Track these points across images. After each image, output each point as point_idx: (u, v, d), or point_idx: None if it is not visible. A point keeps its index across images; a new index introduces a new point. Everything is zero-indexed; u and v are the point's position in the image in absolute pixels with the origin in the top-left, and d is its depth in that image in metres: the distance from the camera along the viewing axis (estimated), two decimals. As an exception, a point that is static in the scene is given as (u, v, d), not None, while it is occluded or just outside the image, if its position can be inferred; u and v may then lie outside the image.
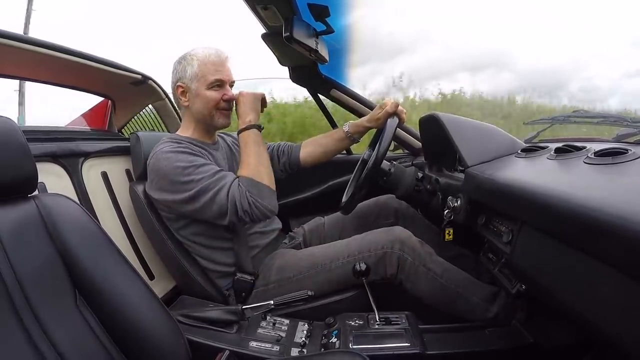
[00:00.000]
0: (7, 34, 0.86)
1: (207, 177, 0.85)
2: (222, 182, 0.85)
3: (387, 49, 5.38)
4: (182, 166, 0.85)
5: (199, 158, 0.88)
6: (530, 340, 0.77)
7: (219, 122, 0.97)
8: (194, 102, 0.95)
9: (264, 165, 0.91)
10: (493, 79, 5.98)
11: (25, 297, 0.51)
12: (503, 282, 0.81)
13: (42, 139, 0.96)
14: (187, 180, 0.84)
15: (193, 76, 0.93)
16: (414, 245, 0.88)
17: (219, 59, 0.94)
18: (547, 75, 5.29)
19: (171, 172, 0.85)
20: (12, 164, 0.55)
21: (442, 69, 6.99)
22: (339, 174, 1.54)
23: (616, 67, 5.04)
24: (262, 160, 0.92)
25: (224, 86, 0.94)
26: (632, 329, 0.40)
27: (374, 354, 0.70)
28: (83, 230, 0.59)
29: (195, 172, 0.85)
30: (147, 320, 0.58)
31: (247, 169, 0.89)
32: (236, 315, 0.80)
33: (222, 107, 0.95)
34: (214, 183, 0.85)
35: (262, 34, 1.14)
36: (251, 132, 0.93)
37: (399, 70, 7.14)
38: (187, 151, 0.88)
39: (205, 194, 0.84)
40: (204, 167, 0.86)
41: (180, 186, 0.85)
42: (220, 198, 0.84)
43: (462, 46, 7.02)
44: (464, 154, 0.83)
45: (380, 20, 1.38)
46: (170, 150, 0.88)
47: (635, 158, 0.51)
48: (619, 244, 0.38)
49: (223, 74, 0.94)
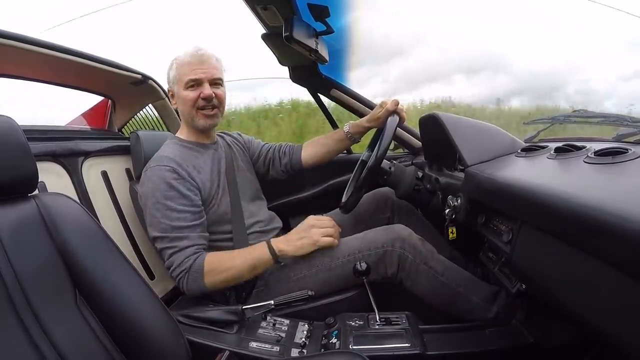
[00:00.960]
0: (8, 34, 0.86)
1: (169, 228, 0.85)
2: (177, 243, 0.85)
3: (382, 51, 5.36)
4: (158, 199, 0.86)
5: (179, 197, 0.86)
6: (530, 340, 0.77)
7: (199, 123, 0.95)
8: (179, 104, 0.97)
9: (233, 274, 0.86)
10: (489, 81, 5.98)
11: (25, 296, 0.51)
12: (503, 281, 0.81)
13: (42, 138, 0.96)
14: (154, 217, 0.86)
15: (174, 79, 0.95)
16: (414, 243, 0.88)
17: (195, 58, 0.93)
18: (543, 78, 5.30)
19: (150, 197, 0.87)
20: (12, 163, 0.55)
21: (438, 72, 6.99)
22: (339, 174, 1.54)
23: (612, 69, 5.05)
24: (236, 273, 0.86)
25: (201, 84, 0.93)
26: (632, 329, 0.40)
27: (374, 354, 0.70)
28: (83, 230, 0.59)
29: (161, 214, 0.85)
30: (147, 320, 0.58)
31: (222, 263, 0.85)
32: (236, 316, 0.80)
33: (200, 106, 0.94)
34: (172, 237, 0.85)
35: (262, 34, 1.14)
36: (267, 253, 0.86)
37: (394, 73, 7.12)
38: (171, 183, 0.86)
39: (159, 240, 0.86)
40: (172, 214, 0.85)
41: (148, 217, 0.88)
42: (167, 254, 0.85)
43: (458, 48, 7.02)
44: (463, 154, 0.83)
45: (375, 22, 1.38)
46: (159, 174, 0.87)
47: (635, 157, 0.51)
48: (619, 244, 0.38)
49: (199, 72, 0.92)
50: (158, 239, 0.86)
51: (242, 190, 1.03)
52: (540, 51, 5.63)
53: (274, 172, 1.18)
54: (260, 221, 1.03)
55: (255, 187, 1.11)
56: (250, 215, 1.01)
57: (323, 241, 0.87)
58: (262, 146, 1.18)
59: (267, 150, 1.17)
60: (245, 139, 1.18)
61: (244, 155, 1.13)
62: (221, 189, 0.97)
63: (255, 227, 1.00)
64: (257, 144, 1.19)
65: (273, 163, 1.17)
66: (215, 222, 0.94)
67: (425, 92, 7.29)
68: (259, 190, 1.13)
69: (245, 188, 1.05)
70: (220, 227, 0.95)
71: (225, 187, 0.98)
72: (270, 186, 1.20)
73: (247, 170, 1.10)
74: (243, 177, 1.07)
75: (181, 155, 0.93)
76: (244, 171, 1.09)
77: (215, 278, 0.84)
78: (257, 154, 1.16)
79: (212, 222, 0.94)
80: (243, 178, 1.06)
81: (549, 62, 5.33)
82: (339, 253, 0.89)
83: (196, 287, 0.84)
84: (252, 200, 1.06)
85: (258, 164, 1.16)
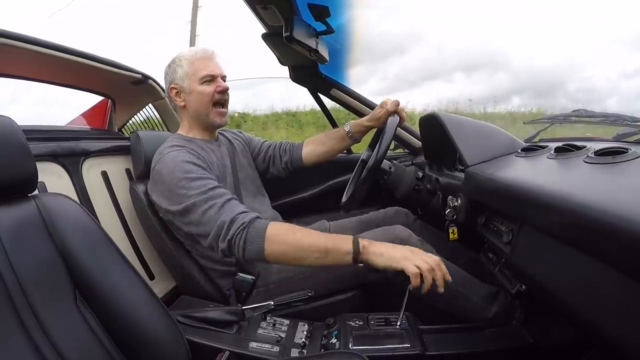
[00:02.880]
0: (8, 34, 0.86)
1: (201, 192, 0.80)
2: (213, 201, 0.79)
3: (380, 49, 5.35)
4: (179, 177, 0.82)
5: (198, 169, 0.84)
6: (530, 340, 0.77)
7: (215, 121, 0.97)
8: (189, 101, 0.96)
9: (301, 249, 0.74)
10: (489, 79, 5.95)
11: (25, 296, 0.51)
12: (503, 282, 0.81)
13: (42, 138, 0.96)
14: (181, 193, 0.81)
15: (184, 75, 0.94)
16: (414, 244, 0.88)
17: (206, 55, 0.96)
18: (543, 76, 5.28)
19: (170, 180, 0.83)
20: (12, 163, 0.55)
21: (438, 69, 6.94)
22: (339, 174, 1.54)
23: (613, 67, 5.02)
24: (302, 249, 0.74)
25: (215, 79, 0.95)
26: (631, 329, 0.40)
27: (374, 354, 0.70)
28: (83, 230, 0.59)
29: (187, 186, 0.80)
30: (147, 320, 0.58)
31: (292, 232, 0.75)
32: (236, 316, 0.80)
33: (217, 101, 0.95)
34: (207, 197, 0.79)
35: (262, 34, 1.14)
36: (349, 244, 0.72)
37: (393, 71, 7.11)
38: (189, 160, 0.84)
39: (194, 211, 0.79)
40: (197, 182, 0.81)
41: (175, 197, 0.83)
42: (209, 217, 0.78)
43: (457, 46, 6.97)
44: (464, 154, 0.83)
45: (373, 19, 1.37)
46: (175, 156, 0.85)
47: (635, 157, 0.51)
48: (619, 244, 0.38)
49: (213, 68, 0.95)
50: (191, 207, 0.78)
51: (245, 186, 1.03)
52: (541, 48, 5.64)
53: (274, 170, 1.18)
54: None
55: (257, 184, 1.11)
56: (252, 211, 1.01)
57: (412, 269, 0.68)
58: (262, 143, 1.18)
59: (267, 148, 1.17)
60: (246, 136, 1.19)
61: (245, 151, 1.13)
62: (225, 185, 0.96)
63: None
64: (257, 141, 1.19)
65: (273, 160, 1.17)
66: None
67: (424, 90, 7.28)
68: (260, 187, 1.13)
69: (248, 184, 1.05)
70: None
71: (230, 183, 0.98)
72: (271, 186, 1.20)
73: (248, 167, 1.10)
74: (245, 173, 1.07)
75: (189, 146, 0.92)
76: (245, 167, 1.09)
77: (278, 247, 0.74)
78: (257, 151, 1.17)
79: None
80: (245, 174, 1.07)
81: (549, 59, 5.31)
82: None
83: (256, 250, 0.73)
84: (254, 196, 1.06)
85: (258, 160, 1.16)
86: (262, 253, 0.74)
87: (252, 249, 0.74)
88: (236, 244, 0.75)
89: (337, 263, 0.74)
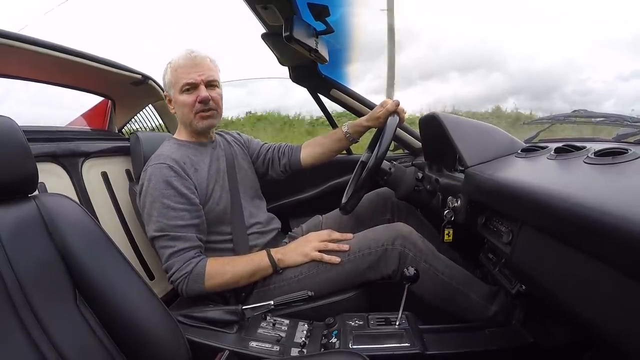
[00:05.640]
0: (7, 34, 0.86)
1: (166, 227, 0.85)
2: (175, 243, 0.85)
3: (375, 47, 5.30)
4: (156, 198, 0.86)
5: (176, 195, 0.87)
6: (530, 340, 0.77)
7: (199, 125, 0.95)
8: (176, 109, 0.97)
9: (232, 279, 0.87)
10: (484, 79, 5.95)
11: (25, 296, 0.51)
12: (503, 282, 0.82)
13: (42, 139, 0.96)
14: (152, 220, 0.86)
15: (169, 84, 0.95)
16: (415, 241, 0.88)
17: (189, 61, 0.92)
18: (539, 77, 5.27)
19: (148, 203, 0.87)
20: (13, 163, 0.55)
21: (433, 69, 6.93)
22: (339, 174, 1.54)
23: (610, 69, 5.02)
24: (235, 278, 0.88)
25: (197, 87, 0.92)
26: (631, 329, 0.40)
27: (374, 354, 0.70)
28: (83, 230, 0.59)
29: (159, 213, 0.86)
30: (147, 320, 0.58)
31: (223, 268, 0.87)
32: (236, 316, 0.80)
33: (198, 110, 0.93)
34: (170, 237, 0.85)
35: (262, 34, 1.14)
36: (267, 261, 0.90)
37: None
38: (169, 180, 0.87)
39: (157, 240, 0.87)
40: (171, 213, 0.86)
41: (147, 219, 0.88)
42: (163, 253, 0.86)
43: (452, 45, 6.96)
44: (463, 154, 0.83)
45: (368, 17, 1.37)
46: (156, 173, 0.88)
47: (635, 158, 0.51)
48: (618, 244, 0.38)
49: (194, 75, 0.91)
50: (156, 238, 0.87)
51: (243, 189, 1.03)
52: (537, 49, 5.64)
53: (273, 173, 1.18)
54: (259, 222, 1.03)
55: (255, 187, 1.11)
56: (249, 215, 1.01)
57: (312, 255, 0.89)
58: (261, 146, 1.18)
59: (266, 150, 1.17)
60: (245, 138, 1.19)
61: (244, 154, 1.13)
62: (220, 188, 0.97)
63: (254, 227, 1.00)
64: (256, 144, 1.19)
65: (272, 163, 1.17)
66: (214, 222, 0.94)
67: (419, 89, 7.25)
68: (258, 190, 1.13)
69: (246, 187, 1.05)
70: (220, 227, 0.95)
71: (225, 186, 0.98)
72: (270, 187, 1.20)
73: (247, 169, 1.10)
74: (243, 175, 1.07)
75: (179, 153, 0.93)
76: (244, 170, 1.09)
77: (215, 282, 0.86)
78: (256, 154, 1.17)
79: (212, 222, 0.93)
80: (244, 177, 1.07)
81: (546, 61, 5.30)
82: (339, 253, 0.89)
83: (196, 289, 0.85)
84: (252, 199, 1.06)
85: (257, 163, 1.16)
86: (202, 292, 0.86)
87: (194, 289, 0.86)
88: (179, 287, 0.86)
89: (264, 276, 0.91)
